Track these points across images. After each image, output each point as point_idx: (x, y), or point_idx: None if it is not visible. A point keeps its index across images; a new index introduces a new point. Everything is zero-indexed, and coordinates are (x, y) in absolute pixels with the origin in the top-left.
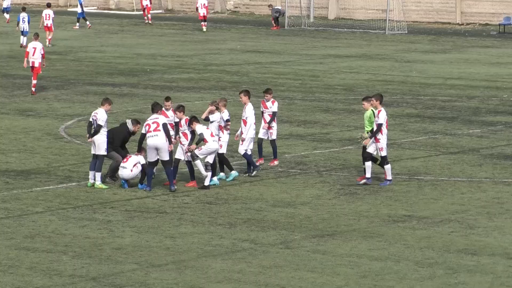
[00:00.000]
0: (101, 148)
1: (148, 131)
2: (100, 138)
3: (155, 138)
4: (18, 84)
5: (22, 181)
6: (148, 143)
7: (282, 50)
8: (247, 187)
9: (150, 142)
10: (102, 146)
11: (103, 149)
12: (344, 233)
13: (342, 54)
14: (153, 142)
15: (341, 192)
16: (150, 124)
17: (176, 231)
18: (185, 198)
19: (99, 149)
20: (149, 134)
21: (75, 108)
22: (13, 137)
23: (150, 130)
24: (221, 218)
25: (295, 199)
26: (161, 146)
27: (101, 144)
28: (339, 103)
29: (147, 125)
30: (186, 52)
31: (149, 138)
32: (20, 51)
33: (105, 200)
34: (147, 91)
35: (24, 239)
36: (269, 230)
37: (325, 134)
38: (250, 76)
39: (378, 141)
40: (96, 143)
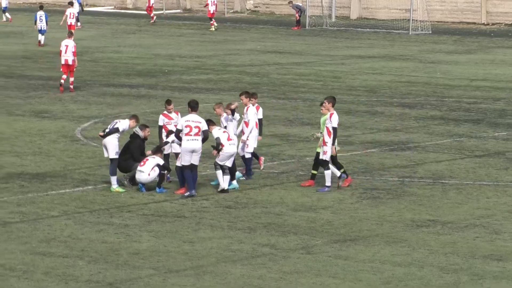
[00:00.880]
0: (111, 150)
1: (188, 134)
2: (112, 141)
3: (194, 143)
4: (33, 85)
5: (37, 184)
6: (185, 146)
7: (303, 50)
8: (267, 191)
9: (189, 146)
10: (112, 149)
11: (113, 152)
12: (367, 238)
13: (365, 55)
14: (192, 146)
15: (364, 196)
16: (192, 128)
17: (195, 236)
18: (204, 202)
19: (110, 152)
20: (189, 137)
21: (91, 110)
22: (29, 140)
23: (191, 133)
24: (240, 222)
25: (316, 203)
26: (199, 150)
27: (111, 147)
28: (361, 105)
29: (188, 127)
30: (205, 53)
31: (188, 141)
32: (35, 51)
33: (122, 204)
34: (165, 92)
35: (40, 244)
36: (290, 235)
37: (347, 137)
38: (270, 77)
39: (325, 144)
40: (107, 146)
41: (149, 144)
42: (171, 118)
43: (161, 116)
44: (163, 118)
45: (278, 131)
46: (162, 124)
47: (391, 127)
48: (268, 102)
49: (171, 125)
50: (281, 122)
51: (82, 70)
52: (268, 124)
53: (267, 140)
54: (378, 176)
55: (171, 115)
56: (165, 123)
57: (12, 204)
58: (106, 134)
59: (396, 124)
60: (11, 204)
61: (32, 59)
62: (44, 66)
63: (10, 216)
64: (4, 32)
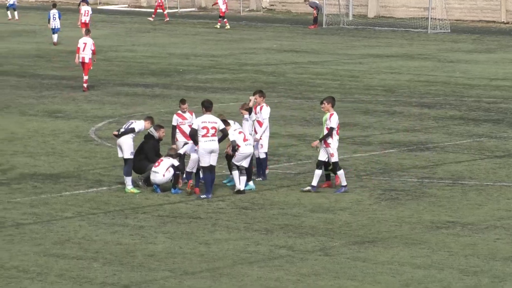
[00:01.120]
0: (126, 151)
1: (205, 135)
2: (126, 141)
3: (212, 143)
4: (47, 85)
5: (51, 185)
6: (204, 147)
7: (320, 49)
8: (284, 192)
9: (207, 147)
10: (127, 149)
11: (128, 152)
12: (385, 239)
13: (383, 54)
14: (210, 147)
15: (382, 197)
16: (209, 129)
17: (211, 237)
18: (220, 203)
19: (124, 152)
20: (206, 138)
21: (105, 110)
22: (42, 140)
23: (208, 134)
24: (257, 223)
25: (334, 205)
26: (217, 150)
27: (126, 147)
28: (379, 104)
29: (205, 128)
30: (220, 52)
31: (206, 142)
32: (48, 50)
33: (137, 205)
34: (180, 92)
35: (53, 245)
36: (307, 236)
37: (365, 137)
38: (287, 76)
39: (328, 146)
40: (122, 146)
41: (164, 145)
42: (185, 118)
43: (175, 116)
44: (177, 118)
45: (295, 131)
46: (176, 124)
47: (409, 127)
48: (284, 101)
49: (185, 125)
50: (298, 122)
51: (96, 70)
52: (285, 124)
53: (284, 140)
54: (397, 177)
55: (185, 115)
56: (179, 123)
57: (25, 205)
58: (120, 134)
59: (415, 124)
60: (24, 205)
61: (45, 58)
62: (57, 65)
63: (24, 218)
64: (16, 31)
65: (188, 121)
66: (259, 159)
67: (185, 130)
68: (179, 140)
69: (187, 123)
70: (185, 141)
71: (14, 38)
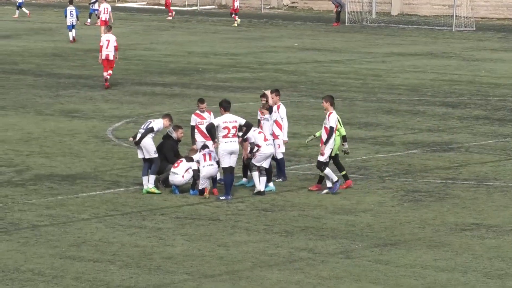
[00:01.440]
0: (150, 151)
1: (226, 136)
2: (147, 142)
3: (233, 144)
4: (63, 84)
5: (67, 186)
6: (224, 148)
7: (342, 48)
8: (305, 193)
9: (228, 148)
10: (151, 148)
11: (152, 151)
12: (408, 242)
13: (406, 52)
14: (230, 148)
15: (405, 199)
16: (230, 129)
17: (230, 240)
18: (239, 205)
19: (148, 153)
20: (227, 139)
21: (123, 109)
22: (58, 140)
23: (229, 135)
24: (277, 225)
25: (355, 206)
26: (237, 152)
27: (149, 147)
28: (402, 104)
29: (226, 128)
30: (240, 50)
31: (227, 143)
32: (65, 48)
33: (155, 207)
34: (199, 91)
35: (69, 248)
36: (328, 238)
37: (388, 137)
38: (308, 75)
39: (323, 144)
40: (144, 148)
41: (182, 145)
42: (204, 118)
43: (193, 115)
44: (195, 118)
45: (316, 131)
46: (195, 124)
47: (433, 127)
48: (306, 101)
49: (203, 125)
50: (319, 122)
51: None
52: (306, 124)
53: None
54: (420, 178)
55: (204, 115)
56: (197, 123)
57: (41, 207)
58: (140, 139)
59: (439, 124)
60: (40, 206)
61: (62, 56)
62: (74, 64)
63: (39, 219)
64: (33, 29)
65: (207, 121)
66: (276, 160)
67: (203, 130)
68: (198, 140)
69: (206, 123)
70: (204, 141)
71: (31, 36)
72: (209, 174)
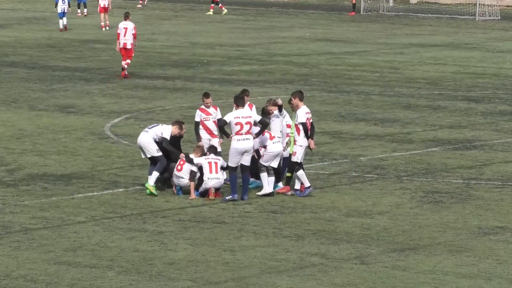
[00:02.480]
0: (150, 149)
1: (239, 133)
2: (146, 140)
3: (246, 142)
4: (58, 77)
5: (62, 186)
6: (236, 146)
7: (357, 38)
8: (317, 194)
9: (240, 146)
10: (152, 147)
11: (154, 150)
12: (428, 246)
13: (426, 43)
14: (243, 146)
15: (424, 200)
16: (243, 125)
17: (236, 244)
18: (247, 207)
19: (149, 151)
20: (239, 136)
21: (122, 104)
22: (52, 137)
23: (242, 132)
24: (287, 229)
25: (371, 208)
26: (251, 150)
27: (147, 145)
28: (422, 98)
29: (239, 124)
30: (248, 41)
31: (239, 141)
32: (60, 39)
33: (156, 209)
34: (203, 85)
35: (65, 253)
36: (342, 243)
37: (406, 134)
38: (321, 68)
39: (295, 143)
40: (145, 147)
41: (186, 142)
42: (209, 114)
43: (198, 111)
44: (200, 113)
45: (329, 127)
46: (199, 119)
47: (455, 124)
48: (318, 95)
49: (209, 121)
50: (332, 117)
51: (112, 60)
52: (318, 120)
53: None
54: (441, 178)
55: (209, 110)
56: (202, 118)
57: (35, 209)
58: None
59: (461, 120)
60: (33, 208)
61: (56, 47)
62: (70, 55)
63: (32, 222)
64: (26, 18)
65: (213, 117)
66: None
67: (209, 126)
68: (203, 137)
69: (212, 119)
70: (209, 138)
71: (23, 25)
72: (213, 188)
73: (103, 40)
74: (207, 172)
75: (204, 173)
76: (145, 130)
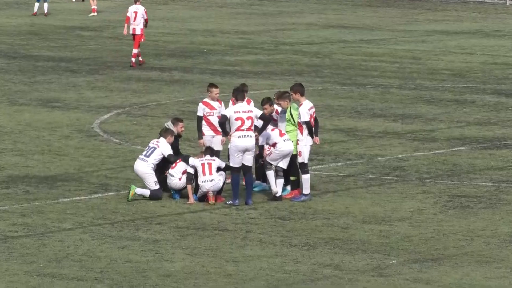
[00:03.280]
0: (147, 181)
1: (239, 129)
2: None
3: (248, 140)
4: (41, 68)
5: (46, 190)
6: (236, 144)
7: (374, 25)
8: (330, 199)
9: (240, 144)
10: (149, 179)
11: (151, 182)
12: (453, 257)
13: (451, 30)
14: (244, 143)
15: (450, 205)
16: (244, 120)
17: (240, 254)
18: (252, 212)
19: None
20: (240, 133)
21: (113, 98)
22: (35, 135)
23: (243, 128)
24: (296, 237)
25: (390, 214)
26: (252, 148)
27: (146, 176)
28: (446, 92)
29: (239, 119)
30: (253, 28)
31: (240, 138)
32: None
33: (151, 215)
34: (203, 76)
35: (49, 263)
36: (358, 252)
37: (429, 132)
38: (334, 58)
39: (298, 143)
40: (141, 177)
41: (184, 141)
42: (214, 108)
43: (201, 104)
44: (203, 107)
45: (343, 124)
46: (202, 114)
47: (483, 120)
48: (330, 88)
49: (213, 116)
50: (347, 113)
51: (102, 50)
52: (331, 116)
53: (329, 136)
54: (468, 180)
55: (214, 104)
56: (205, 113)
57: (15, 215)
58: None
59: (490, 116)
60: (13, 214)
61: (40, 35)
62: (54, 44)
63: (13, 229)
64: (6, 2)
65: (217, 112)
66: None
67: (213, 122)
68: (205, 134)
69: (216, 114)
70: (213, 135)
71: (3, 10)
72: (211, 191)
73: (91, 27)
74: (200, 174)
75: (198, 176)
76: (142, 158)
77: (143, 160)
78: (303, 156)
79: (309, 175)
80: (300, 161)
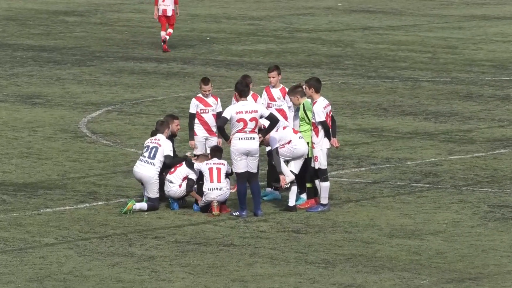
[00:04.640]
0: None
1: (241, 131)
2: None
3: (250, 142)
4: (20, 59)
5: (25, 199)
6: (238, 147)
7: (403, 9)
8: (352, 209)
9: (242, 146)
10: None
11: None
12: (494, 276)
13: (491, 15)
14: (246, 146)
15: (490, 217)
16: (247, 121)
17: (248, 273)
18: (261, 225)
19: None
20: (242, 135)
21: (102, 94)
22: (13, 135)
23: (245, 129)
24: (313, 253)
25: (421, 227)
26: (256, 152)
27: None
28: (486, 86)
29: (241, 121)
30: (263, 13)
31: (241, 140)
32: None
33: (146, 227)
34: (206, 69)
35: (28, 284)
36: (384, 271)
37: (466, 132)
38: (357, 47)
39: (313, 147)
40: (144, 183)
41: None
42: (209, 105)
43: (194, 100)
44: (196, 103)
45: (367, 123)
46: (195, 111)
47: None
48: (352, 82)
49: (207, 114)
50: (371, 110)
51: (89, 38)
52: (353, 114)
53: (351, 137)
54: (511, 188)
55: (208, 100)
56: (199, 110)
57: None
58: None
59: None
60: None
61: (18, 21)
62: (35, 31)
63: None
64: None
65: (212, 109)
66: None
67: (207, 121)
68: (198, 134)
69: (211, 111)
70: (206, 135)
71: None
72: (216, 201)
73: (77, 11)
74: (207, 181)
75: (204, 182)
76: (147, 161)
77: (148, 163)
78: (319, 161)
79: (328, 182)
80: (316, 167)
